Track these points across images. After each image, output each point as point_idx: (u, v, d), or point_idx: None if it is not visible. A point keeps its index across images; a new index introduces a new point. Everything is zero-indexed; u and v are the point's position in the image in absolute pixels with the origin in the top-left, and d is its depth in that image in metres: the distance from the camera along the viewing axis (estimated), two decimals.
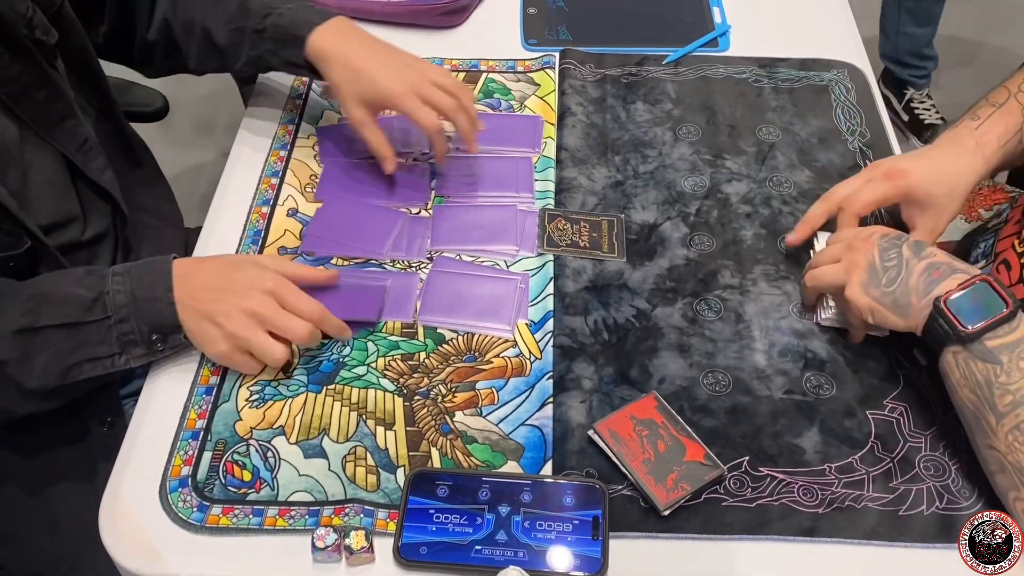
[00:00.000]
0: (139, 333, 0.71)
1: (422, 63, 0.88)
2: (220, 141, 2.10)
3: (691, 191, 0.91)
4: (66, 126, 0.80)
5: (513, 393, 0.75)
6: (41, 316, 0.69)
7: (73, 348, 0.70)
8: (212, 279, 0.74)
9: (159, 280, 0.72)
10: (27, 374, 0.69)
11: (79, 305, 0.70)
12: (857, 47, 1.09)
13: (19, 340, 0.68)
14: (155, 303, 0.71)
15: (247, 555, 0.66)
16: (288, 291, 0.73)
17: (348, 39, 0.87)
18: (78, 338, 0.70)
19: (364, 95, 0.85)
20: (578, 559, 0.64)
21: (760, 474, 0.70)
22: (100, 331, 0.70)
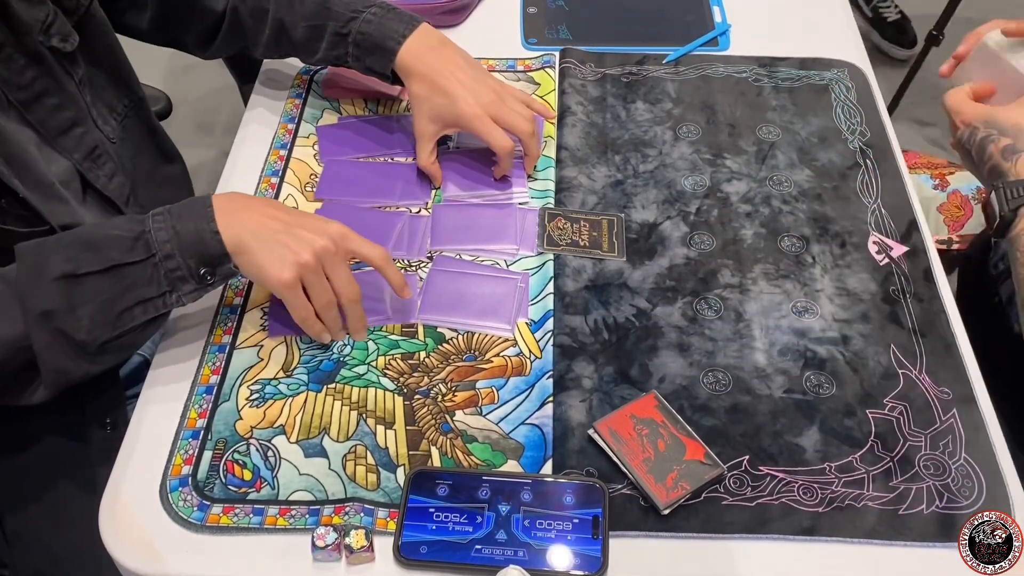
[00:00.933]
0: (187, 268, 0.69)
1: (501, 85, 0.89)
2: (220, 141, 2.10)
3: (691, 190, 0.91)
4: (74, 134, 0.80)
5: (513, 392, 0.75)
6: (83, 262, 0.67)
7: (121, 292, 0.68)
8: (276, 211, 0.73)
9: (200, 213, 0.70)
10: (75, 325, 0.67)
11: (121, 247, 0.68)
12: (857, 46, 1.09)
13: (63, 288, 0.66)
14: (199, 234, 0.69)
15: (247, 554, 0.66)
16: (355, 237, 0.74)
17: (435, 53, 0.88)
18: (124, 281, 0.68)
19: (440, 113, 0.87)
20: (578, 558, 0.64)
21: (760, 473, 0.70)
22: (146, 271, 0.68)
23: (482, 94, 0.86)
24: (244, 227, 0.70)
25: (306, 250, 0.71)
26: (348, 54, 0.89)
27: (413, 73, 0.87)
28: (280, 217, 0.73)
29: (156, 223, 0.69)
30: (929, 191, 1.22)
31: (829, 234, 0.85)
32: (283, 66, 1.06)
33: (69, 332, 0.67)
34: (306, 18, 0.89)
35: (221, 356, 0.77)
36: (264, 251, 0.70)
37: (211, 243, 0.69)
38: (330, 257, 0.72)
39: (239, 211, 0.71)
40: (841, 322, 0.80)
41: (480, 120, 0.85)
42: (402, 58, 0.87)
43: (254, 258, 0.71)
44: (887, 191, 0.91)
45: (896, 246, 0.86)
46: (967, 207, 1.19)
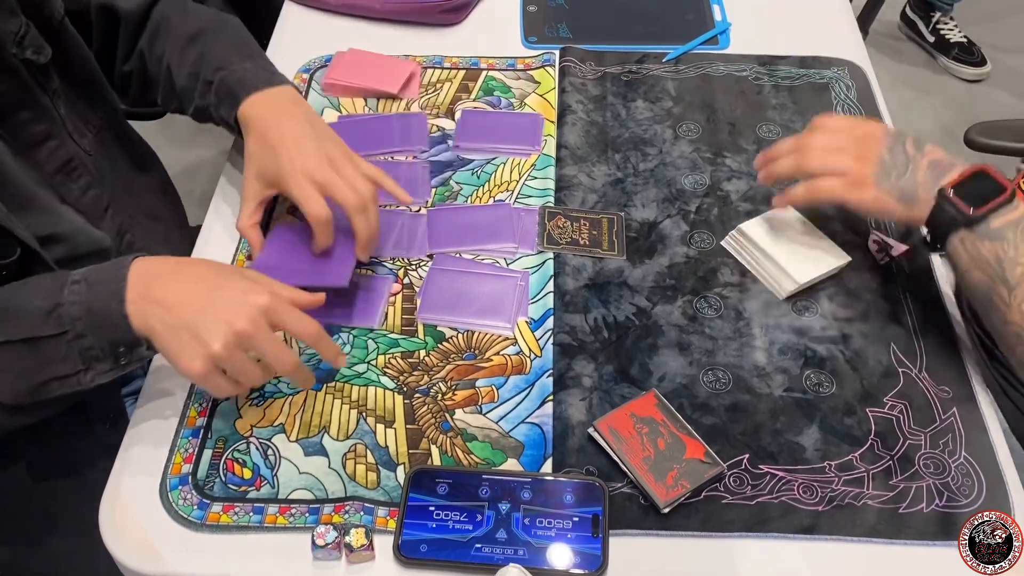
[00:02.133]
0: (100, 348, 0.65)
1: (346, 154, 0.79)
2: (220, 140, 2.10)
3: (691, 189, 0.91)
4: (47, 147, 0.78)
5: (513, 391, 0.75)
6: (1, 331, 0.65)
7: (37, 365, 0.65)
8: (193, 286, 0.66)
9: (113, 289, 0.65)
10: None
11: (36, 318, 0.65)
12: (857, 44, 1.09)
13: None
14: (108, 316, 0.65)
15: (247, 553, 0.66)
16: (284, 310, 0.66)
17: (280, 110, 0.81)
18: (39, 355, 0.65)
19: (262, 169, 0.79)
20: (578, 556, 0.64)
21: (760, 472, 0.70)
22: (60, 347, 0.65)
23: (312, 156, 0.77)
24: (154, 313, 0.65)
25: (218, 339, 0.63)
26: (210, 103, 0.84)
27: (250, 125, 0.80)
28: (196, 296, 0.66)
29: (72, 294, 0.65)
30: None
31: (829, 232, 0.85)
32: (283, 65, 1.05)
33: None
34: (189, 66, 0.86)
35: None
36: (172, 340, 0.64)
37: (120, 327, 0.65)
38: (247, 340, 0.64)
39: (154, 290, 0.66)
40: (841, 320, 0.80)
41: (297, 182, 0.76)
42: (244, 109, 0.81)
43: (164, 347, 0.65)
44: None
45: (896, 245, 0.86)
46: None
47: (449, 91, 1.02)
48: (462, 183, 0.92)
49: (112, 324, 0.65)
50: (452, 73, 1.04)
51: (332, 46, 1.07)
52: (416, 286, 0.83)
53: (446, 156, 0.95)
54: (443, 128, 0.98)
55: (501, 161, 0.94)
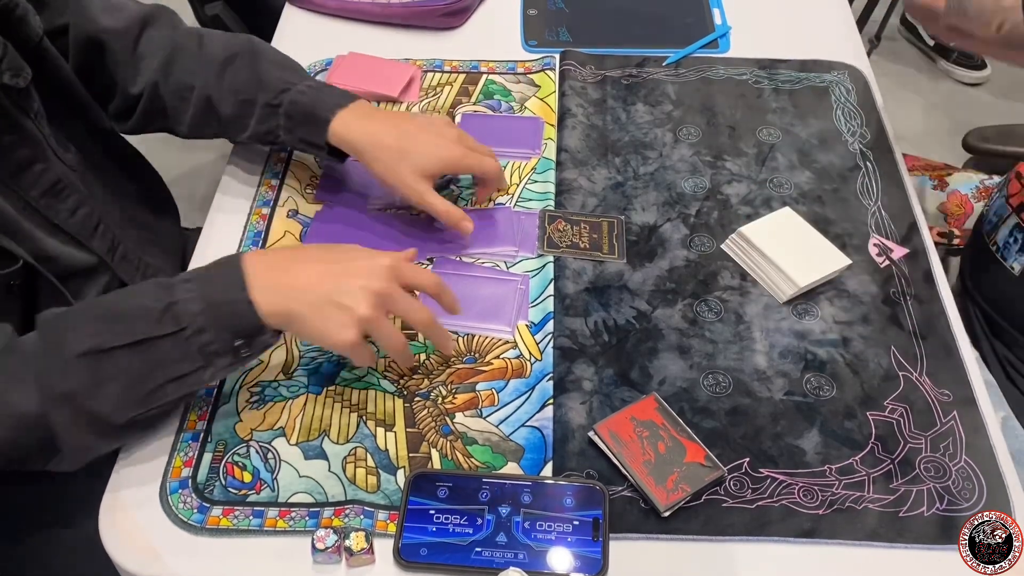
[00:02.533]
0: (222, 342, 0.64)
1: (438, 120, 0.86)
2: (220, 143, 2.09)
3: (691, 192, 0.91)
4: (33, 171, 0.76)
5: (513, 394, 0.75)
6: (109, 337, 0.62)
7: (150, 369, 0.64)
8: (316, 265, 0.68)
9: (232, 280, 0.65)
10: (101, 402, 0.63)
11: (149, 318, 0.63)
12: (857, 48, 1.09)
13: (86, 364, 0.62)
14: (233, 305, 0.64)
15: (247, 556, 0.66)
16: (407, 266, 0.70)
17: (373, 118, 0.83)
18: (154, 356, 0.63)
19: (423, 167, 0.81)
20: (578, 560, 0.64)
21: (760, 475, 0.70)
22: (177, 346, 0.63)
23: (445, 133, 0.83)
24: (284, 296, 0.66)
25: (362, 303, 0.66)
26: (280, 126, 0.84)
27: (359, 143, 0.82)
28: (320, 270, 0.68)
29: (186, 291, 0.65)
30: (929, 191, 1.22)
31: (829, 236, 0.85)
32: None
33: (94, 411, 0.63)
34: (236, 92, 0.84)
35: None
36: (318, 317, 0.66)
37: (246, 316, 0.64)
38: (388, 299, 0.68)
39: (278, 276, 0.67)
40: (841, 324, 0.80)
41: (469, 156, 0.83)
42: (338, 128, 0.81)
43: (308, 327, 0.66)
44: (887, 193, 0.91)
45: (896, 248, 0.86)
46: (967, 205, 1.19)
47: (449, 95, 1.02)
48: (463, 186, 0.92)
49: (238, 313, 0.64)
50: (452, 77, 1.04)
51: (332, 50, 1.07)
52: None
53: None
54: None
55: (501, 164, 0.94)
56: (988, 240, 1.00)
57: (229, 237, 0.87)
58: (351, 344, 0.66)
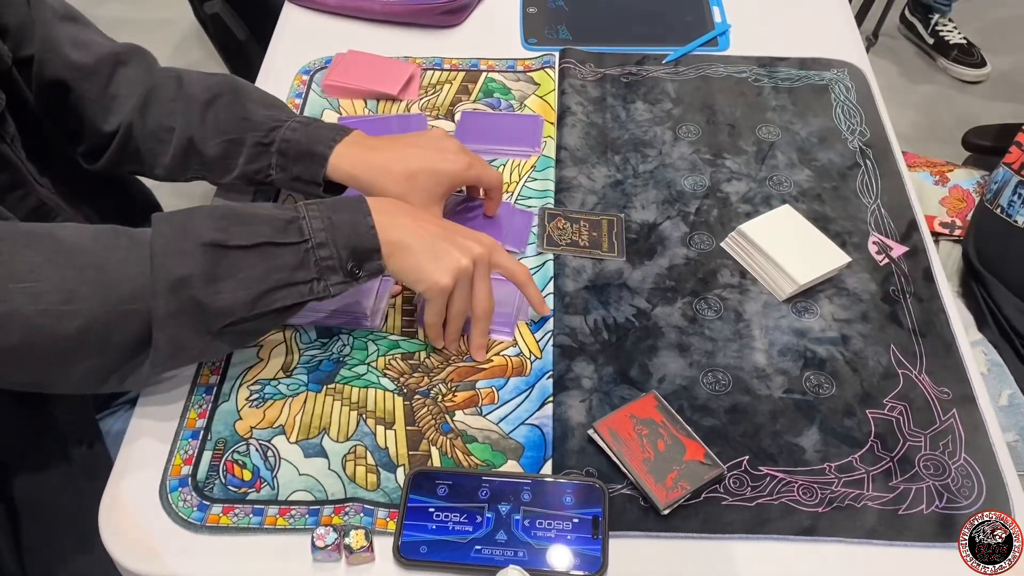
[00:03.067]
0: (338, 258, 0.68)
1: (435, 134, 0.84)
2: None
3: (691, 190, 0.91)
4: (14, 196, 0.76)
5: (513, 392, 0.75)
6: (233, 235, 0.65)
7: (267, 272, 0.66)
8: (431, 218, 0.74)
9: (356, 207, 0.70)
10: (214, 295, 0.64)
11: (274, 225, 0.66)
12: (857, 46, 1.09)
13: (210, 255, 0.64)
14: (355, 227, 0.68)
15: (247, 554, 0.66)
16: (501, 250, 0.75)
17: (373, 149, 0.81)
18: (273, 261, 0.66)
19: (432, 189, 0.80)
20: (578, 558, 0.64)
21: (760, 473, 0.70)
22: (298, 255, 0.67)
23: (454, 146, 0.82)
24: (404, 229, 0.70)
25: (466, 256, 0.71)
26: (272, 165, 0.81)
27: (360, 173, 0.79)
28: (437, 223, 0.73)
29: (311, 211, 0.68)
30: (930, 187, 1.22)
31: (829, 234, 0.85)
32: (283, 66, 1.06)
33: (205, 302, 0.64)
34: (222, 132, 0.81)
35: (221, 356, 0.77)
36: (426, 254, 0.70)
37: (366, 237, 0.69)
38: (482, 267, 0.73)
39: (396, 215, 0.71)
40: (841, 322, 0.80)
41: (472, 167, 0.81)
42: (339, 160, 0.79)
43: (414, 260, 0.70)
44: (887, 191, 0.91)
45: (896, 246, 0.86)
46: (969, 199, 1.19)
47: (449, 93, 1.02)
48: None
49: (357, 233, 0.68)
50: (452, 75, 1.04)
51: (332, 48, 1.07)
52: None
53: None
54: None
55: (501, 163, 0.94)
56: (992, 206, 1.04)
57: None
58: (444, 287, 0.71)
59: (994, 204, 1.04)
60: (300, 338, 0.79)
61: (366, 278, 0.70)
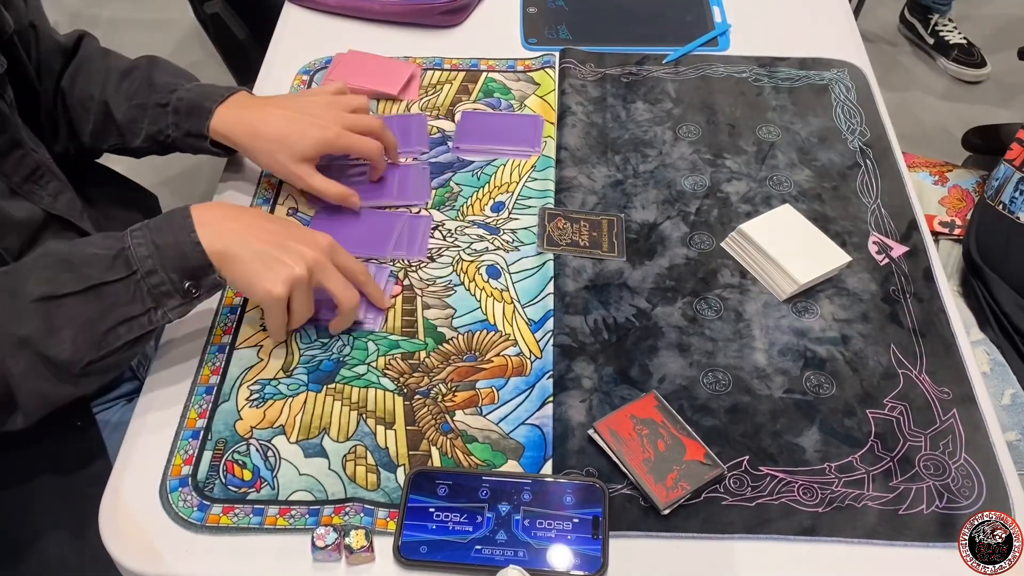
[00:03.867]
0: (171, 282, 0.68)
1: (328, 96, 0.88)
2: None
3: (691, 190, 0.91)
4: (13, 156, 0.78)
5: (513, 392, 0.75)
6: (61, 284, 0.65)
7: (103, 312, 0.66)
8: (263, 222, 0.72)
9: (180, 224, 0.69)
10: (57, 348, 0.65)
11: (100, 265, 0.66)
12: (857, 46, 1.09)
13: (42, 310, 0.64)
14: (180, 247, 0.68)
15: (247, 554, 0.66)
16: (341, 250, 0.75)
17: (251, 107, 0.86)
18: (106, 301, 0.66)
19: (300, 151, 0.84)
20: (578, 558, 0.64)
21: (760, 473, 0.70)
22: (128, 288, 0.67)
23: (324, 114, 0.85)
24: (230, 239, 0.69)
25: (299, 264, 0.70)
26: (169, 124, 0.86)
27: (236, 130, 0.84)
28: (268, 228, 0.72)
29: (135, 239, 0.68)
30: (929, 186, 1.23)
31: (829, 234, 0.85)
32: (283, 66, 1.06)
33: (50, 355, 0.65)
34: (131, 97, 0.87)
35: (221, 356, 0.77)
36: (256, 264, 0.70)
37: (192, 255, 0.68)
38: (322, 270, 0.72)
39: (223, 222, 0.70)
40: (841, 322, 0.80)
41: (343, 137, 0.85)
42: (221, 118, 0.84)
43: (243, 270, 0.70)
44: (887, 191, 0.91)
45: (896, 246, 0.86)
46: (968, 199, 1.20)
47: (449, 93, 1.02)
48: (462, 184, 0.92)
49: (184, 254, 0.68)
50: (452, 75, 1.04)
51: (332, 47, 1.07)
52: (417, 287, 0.83)
53: (446, 157, 0.95)
54: (443, 130, 0.98)
55: (501, 163, 0.94)
56: (994, 203, 1.04)
57: None
58: (277, 298, 0.70)
59: (995, 201, 1.05)
60: (300, 338, 0.79)
61: (207, 294, 0.70)
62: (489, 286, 0.83)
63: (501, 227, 0.88)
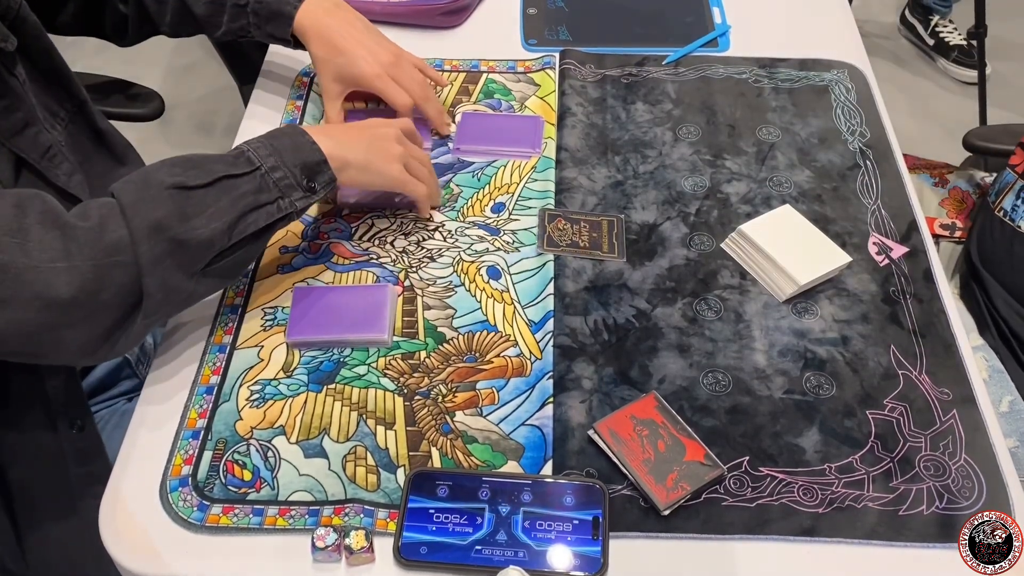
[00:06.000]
0: (292, 176, 0.73)
1: (400, 50, 0.94)
2: (220, 141, 2.10)
3: (691, 191, 0.91)
4: (28, 134, 0.79)
5: (513, 393, 0.75)
6: (190, 177, 0.68)
7: (233, 201, 0.70)
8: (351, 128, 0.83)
9: (293, 131, 0.75)
10: (192, 231, 0.67)
11: (225, 162, 0.71)
12: (857, 47, 1.09)
13: (176, 197, 0.67)
14: (298, 146, 0.74)
15: (247, 555, 0.66)
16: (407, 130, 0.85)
17: (331, 15, 0.91)
18: (235, 191, 0.70)
19: (341, 73, 0.91)
20: (578, 559, 0.64)
21: (760, 474, 0.70)
22: (255, 180, 0.71)
23: (380, 55, 0.91)
24: (341, 142, 0.77)
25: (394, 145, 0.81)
26: (249, 24, 0.93)
27: (311, 35, 0.91)
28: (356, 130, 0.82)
29: (253, 143, 0.73)
30: (929, 188, 1.23)
31: (829, 235, 0.85)
32: (283, 67, 1.06)
33: (184, 239, 0.67)
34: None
35: (221, 356, 0.78)
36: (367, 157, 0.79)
37: (310, 151, 0.74)
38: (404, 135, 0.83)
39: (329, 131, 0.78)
40: (841, 323, 0.80)
41: (379, 79, 0.90)
42: (299, 21, 0.91)
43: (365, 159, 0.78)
44: (887, 192, 0.91)
45: (896, 247, 0.86)
46: (969, 200, 1.20)
47: (449, 94, 1.02)
48: (462, 185, 0.92)
49: (302, 150, 0.74)
50: (452, 76, 1.04)
51: None
52: (417, 288, 0.83)
53: (446, 158, 0.95)
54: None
55: (502, 163, 0.94)
56: (995, 208, 1.04)
57: None
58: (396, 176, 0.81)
59: (996, 206, 1.05)
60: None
61: (323, 191, 0.76)
62: (489, 287, 0.83)
63: (501, 228, 0.88)
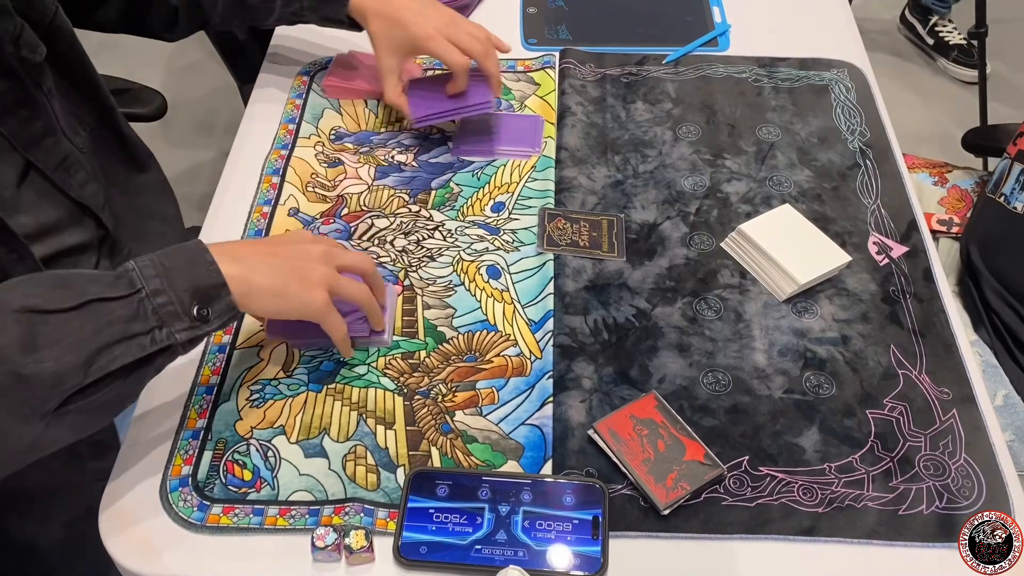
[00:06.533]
0: (179, 303, 0.60)
1: (453, 12, 0.94)
2: (220, 141, 2.10)
3: (691, 190, 0.91)
4: (45, 144, 0.79)
5: (513, 393, 0.75)
6: (51, 299, 0.56)
7: (97, 330, 0.57)
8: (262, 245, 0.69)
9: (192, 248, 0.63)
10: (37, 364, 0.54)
11: (101, 282, 0.59)
12: (857, 47, 1.09)
13: (22, 322, 0.55)
14: (193, 266, 0.62)
15: (247, 554, 0.66)
16: (340, 250, 0.71)
17: None
18: (104, 318, 0.57)
19: (397, 42, 0.91)
20: (578, 558, 0.64)
21: (760, 474, 0.70)
22: (130, 305, 0.59)
23: (434, 18, 0.91)
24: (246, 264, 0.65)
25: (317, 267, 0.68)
26: (304, 7, 0.93)
27: (369, 13, 0.92)
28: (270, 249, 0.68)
29: (140, 262, 0.61)
30: (929, 187, 1.23)
31: (829, 234, 0.85)
32: (283, 67, 1.06)
33: (26, 374, 0.54)
34: None
35: (221, 356, 0.78)
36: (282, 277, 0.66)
37: (207, 273, 0.62)
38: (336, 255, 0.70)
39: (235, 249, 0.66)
40: (841, 322, 0.80)
41: (434, 40, 0.90)
42: (356, 1, 0.91)
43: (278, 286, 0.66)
44: (887, 191, 0.91)
45: (896, 246, 0.86)
46: (967, 199, 1.20)
47: None
48: (462, 184, 0.92)
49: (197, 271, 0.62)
50: None
51: (332, 48, 1.07)
52: (417, 287, 0.83)
53: (446, 158, 0.95)
54: (443, 130, 0.98)
55: (501, 163, 0.94)
56: (995, 195, 1.05)
57: (230, 235, 0.87)
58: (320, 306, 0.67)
59: (996, 193, 1.06)
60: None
61: (217, 321, 0.63)
62: (489, 286, 0.83)
63: (501, 227, 0.88)
